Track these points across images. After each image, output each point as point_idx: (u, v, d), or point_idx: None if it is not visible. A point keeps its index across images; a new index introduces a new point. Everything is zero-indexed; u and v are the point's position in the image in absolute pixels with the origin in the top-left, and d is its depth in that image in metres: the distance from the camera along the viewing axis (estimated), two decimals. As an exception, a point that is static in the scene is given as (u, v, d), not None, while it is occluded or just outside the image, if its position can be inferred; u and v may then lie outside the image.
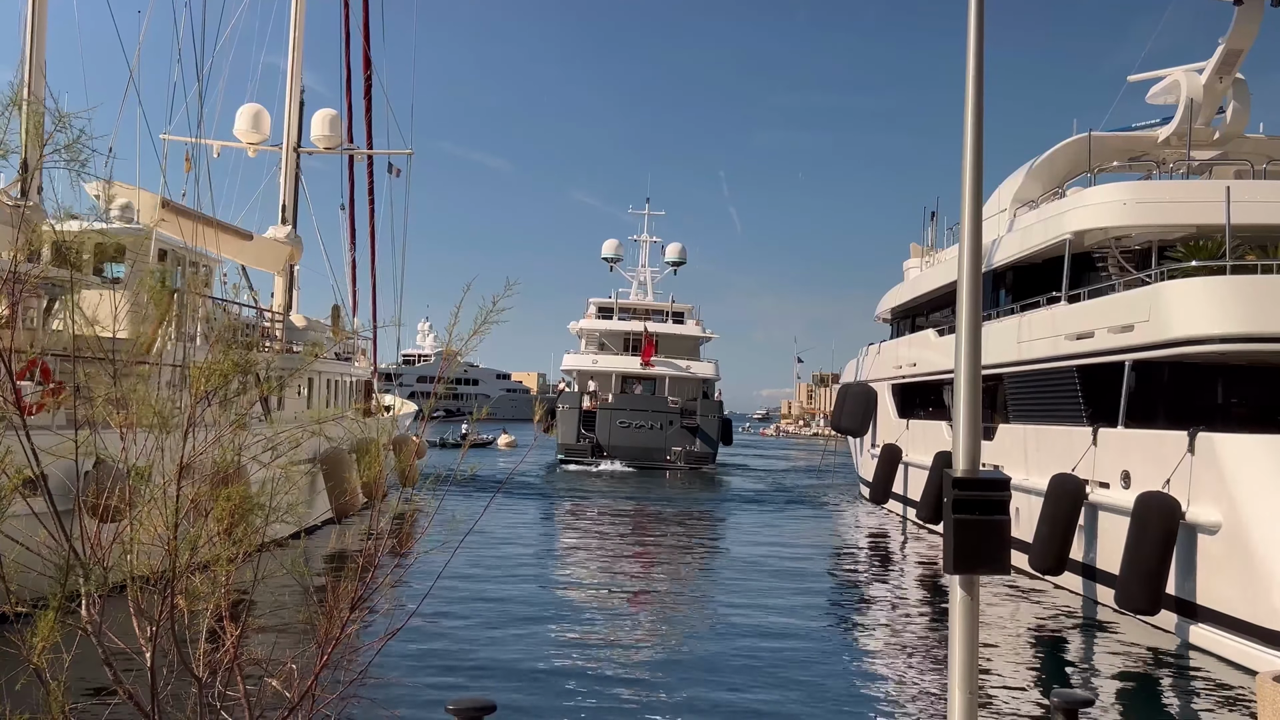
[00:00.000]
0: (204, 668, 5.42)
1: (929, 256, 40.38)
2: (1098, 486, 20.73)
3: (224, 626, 5.44)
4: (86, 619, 5.27)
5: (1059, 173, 29.10)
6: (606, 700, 13.80)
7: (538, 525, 32.77)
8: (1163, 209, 22.52)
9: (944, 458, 30.15)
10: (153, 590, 5.33)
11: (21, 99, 5.58)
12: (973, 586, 7.92)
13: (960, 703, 7.83)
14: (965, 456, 7.96)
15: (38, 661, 4.93)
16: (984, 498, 7.80)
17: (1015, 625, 19.16)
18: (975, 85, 8.09)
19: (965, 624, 7.87)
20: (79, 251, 5.74)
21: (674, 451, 60.52)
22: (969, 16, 8.05)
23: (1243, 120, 26.90)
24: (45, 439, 5.43)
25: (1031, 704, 14.04)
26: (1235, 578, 16.43)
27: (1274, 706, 7.90)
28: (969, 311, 8.06)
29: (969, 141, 8.14)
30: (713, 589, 22.74)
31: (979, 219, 8.29)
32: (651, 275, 75.38)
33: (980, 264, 8.19)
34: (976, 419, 8.06)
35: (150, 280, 6.83)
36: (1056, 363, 23.58)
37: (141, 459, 5.53)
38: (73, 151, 5.37)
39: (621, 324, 69.03)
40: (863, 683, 15.24)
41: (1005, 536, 7.88)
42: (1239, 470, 16.84)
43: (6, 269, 5.79)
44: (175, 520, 5.04)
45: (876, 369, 42.73)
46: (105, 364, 5.72)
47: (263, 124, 35.22)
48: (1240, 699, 14.39)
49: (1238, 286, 18.73)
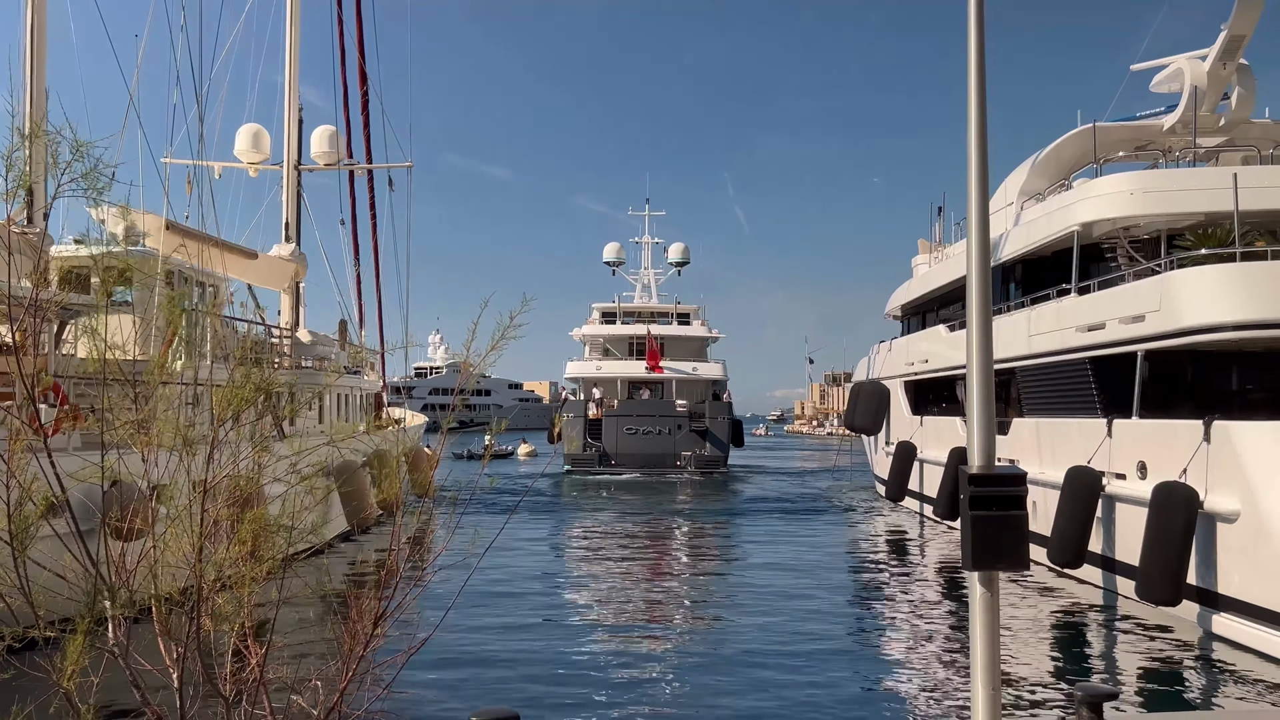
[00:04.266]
0: (230, 687, 5.49)
1: (937, 252, 40.41)
2: (1114, 478, 20.74)
3: (248, 645, 5.51)
4: (113, 641, 5.34)
5: (1065, 165, 29.13)
6: (630, 709, 13.85)
7: (546, 539, 32.56)
8: (1170, 198, 22.55)
9: (959, 454, 30.15)
10: (179, 611, 5.40)
11: (35, 129, 5.68)
12: (992, 582, 7.97)
13: (983, 698, 7.88)
14: (980, 452, 8.03)
15: (68, 685, 5.00)
16: (1001, 493, 7.85)
17: (1036, 620, 19.16)
18: (978, 81, 8.15)
19: (986, 620, 7.92)
20: (105, 278, 5.82)
21: (683, 456, 59.02)
22: (969, 12, 8.12)
23: (1248, 106, 26.85)
24: (63, 461, 5.50)
25: (1056, 698, 14.06)
26: (1257, 565, 16.42)
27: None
28: (979, 306, 8.12)
29: (973, 136, 8.20)
30: (730, 591, 22.77)
31: (986, 213, 8.35)
32: (655, 277, 74.20)
33: (989, 258, 8.26)
34: (990, 414, 8.11)
35: (167, 302, 6.90)
36: (1068, 355, 23.58)
37: (162, 479, 5.61)
38: (90, 179, 5.46)
39: (625, 328, 67.43)
40: (886, 680, 15.28)
41: (1023, 531, 7.93)
42: (1256, 457, 16.83)
43: (23, 296, 5.87)
44: (200, 542, 5.11)
45: (888, 366, 42.76)
46: (126, 386, 5.78)
47: (263, 143, 35.43)
48: (1268, 686, 14.40)
49: (1249, 273, 18.75)
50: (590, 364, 66.14)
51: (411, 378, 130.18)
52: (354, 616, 5.60)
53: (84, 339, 5.59)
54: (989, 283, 8.10)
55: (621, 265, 73.58)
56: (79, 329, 11.72)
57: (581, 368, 65.89)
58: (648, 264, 74.61)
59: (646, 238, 75.08)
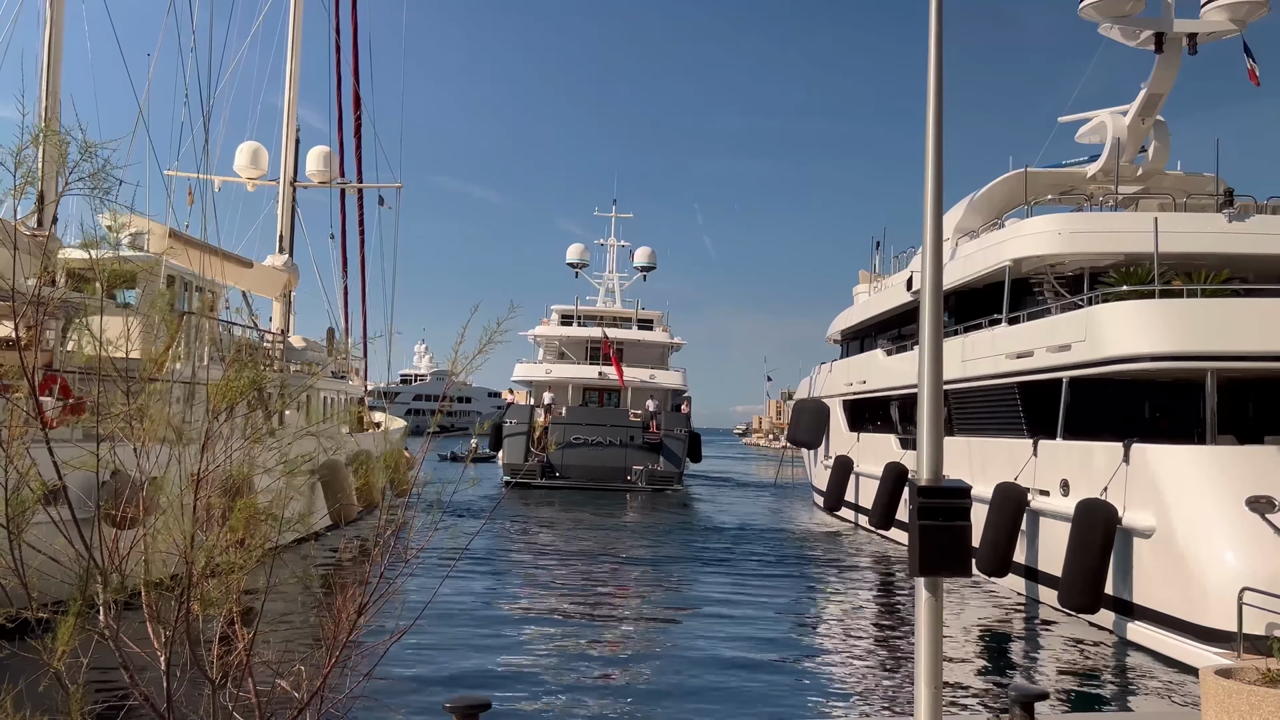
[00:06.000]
0: (217, 670, 5.26)
1: (877, 282, 40.45)
2: (1038, 494, 20.72)
3: (235, 630, 5.29)
4: (104, 625, 5.11)
5: (997, 205, 29.23)
6: (599, 697, 13.60)
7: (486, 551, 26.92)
8: (1094, 238, 22.70)
9: (893, 468, 30.22)
10: (168, 596, 5.19)
11: (46, 130, 5.42)
12: (937, 588, 7.85)
13: (926, 698, 7.75)
14: (928, 466, 7.89)
15: (58, 666, 4.79)
16: (947, 505, 7.75)
17: (965, 623, 19.06)
18: (935, 126, 8.03)
19: (930, 623, 7.79)
20: (106, 278, 5.58)
21: (635, 471, 49.89)
22: (929, 46, 7.99)
23: (1163, 158, 27.18)
24: (64, 451, 5.29)
25: (987, 698, 13.93)
26: (1168, 578, 16.43)
27: (1217, 700, 7.82)
28: (931, 332, 8.00)
29: (929, 176, 8.08)
30: (672, 597, 22.53)
31: (939, 251, 8.24)
32: (620, 282, 65.15)
33: (941, 291, 8.17)
34: (939, 431, 8.00)
35: (161, 302, 6.66)
36: (999, 380, 23.62)
37: (156, 471, 5.40)
38: (97, 180, 5.21)
39: (583, 330, 57.88)
40: (827, 682, 15.07)
41: (968, 541, 7.82)
42: (1171, 478, 16.89)
43: (28, 294, 5.65)
44: (193, 529, 4.87)
45: (829, 386, 42.74)
46: (122, 382, 5.56)
47: (261, 160, 35.17)
48: (1176, 689, 14.35)
49: (1167, 309, 18.86)
50: (540, 367, 56.90)
51: (396, 384, 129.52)
52: (339, 603, 5.39)
53: (79, 335, 5.34)
54: (940, 311, 8.01)
55: (585, 267, 64.53)
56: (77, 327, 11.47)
57: (530, 370, 56.55)
58: (613, 267, 65.71)
59: (612, 240, 66.09)
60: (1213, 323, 18.43)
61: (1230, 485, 16.27)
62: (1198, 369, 18.16)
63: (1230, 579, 15.03)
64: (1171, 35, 23.88)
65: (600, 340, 55.82)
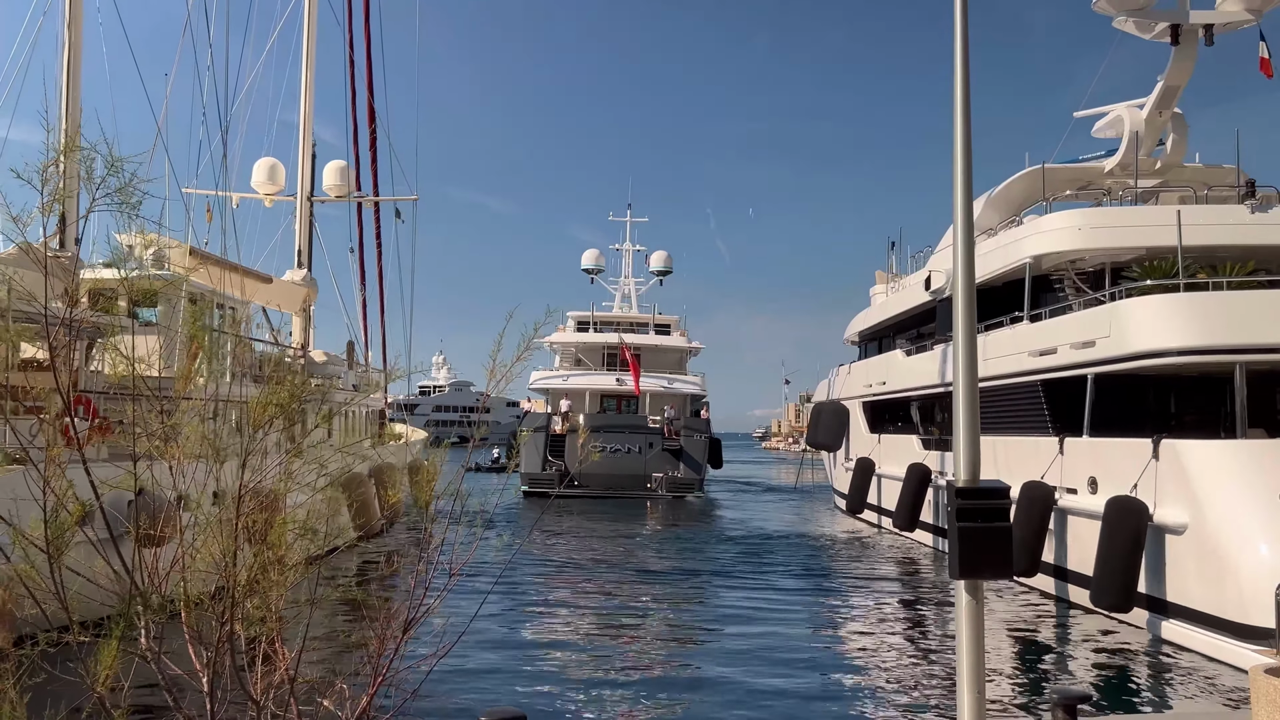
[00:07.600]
0: (260, 691, 5.17)
1: (894, 282, 40.25)
2: (1066, 492, 20.52)
3: (276, 649, 5.20)
4: (145, 646, 5.03)
5: (1015, 202, 29.06)
6: (635, 708, 13.46)
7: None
8: (1115, 233, 22.53)
9: (916, 469, 30.03)
10: (209, 616, 5.10)
11: (67, 148, 5.35)
12: (978, 590, 7.69)
13: (969, 702, 7.58)
14: (966, 467, 7.75)
15: (102, 690, 4.71)
16: (986, 506, 7.59)
17: (996, 624, 18.84)
18: (963, 128, 7.91)
19: (972, 627, 7.63)
20: (132, 296, 5.50)
21: (655, 479, 48.58)
22: (955, 42, 7.88)
23: (1181, 151, 26.96)
24: (99, 471, 5.22)
25: (1028, 699, 13.73)
26: (1202, 574, 16.21)
27: (1268, 699, 7.65)
28: (964, 332, 7.86)
29: (959, 175, 7.95)
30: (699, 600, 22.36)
31: (971, 251, 8.08)
32: (635, 287, 63.69)
33: (974, 291, 8.00)
34: (975, 432, 7.84)
35: (191, 321, 6.60)
36: (1022, 378, 23.42)
37: (189, 488, 5.33)
38: (125, 194, 5.13)
39: (599, 336, 56.89)
40: (867, 686, 14.87)
41: (1007, 542, 7.66)
42: (1202, 473, 16.67)
43: (56, 315, 5.59)
44: (234, 547, 4.78)
45: (848, 388, 42.52)
46: (153, 400, 5.48)
47: (278, 176, 35.29)
48: (1216, 688, 14.13)
49: (1192, 303, 18.65)
50: (557, 374, 55.94)
51: (416, 396, 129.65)
52: (382, 621, 5.29)
53: (108, 355, 5.26)
54: (973, 312, 7.83)
55: (600, 273, 63.37)
56: (104, 347, 11.36)
57: (548, 378, 55.59)
58: (628, 272, 64.15)
59: (628, 244, 64.74)
60: (1240, 315, 18.23)
61: (1264, 479, 16.06)
62: (1226, 362, 17.96)
63: (1267, 574, 14.81)
64: (1188, 27, 23.68)
65: (617, 346, 54.97)
